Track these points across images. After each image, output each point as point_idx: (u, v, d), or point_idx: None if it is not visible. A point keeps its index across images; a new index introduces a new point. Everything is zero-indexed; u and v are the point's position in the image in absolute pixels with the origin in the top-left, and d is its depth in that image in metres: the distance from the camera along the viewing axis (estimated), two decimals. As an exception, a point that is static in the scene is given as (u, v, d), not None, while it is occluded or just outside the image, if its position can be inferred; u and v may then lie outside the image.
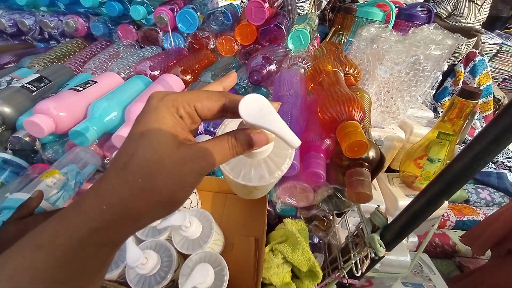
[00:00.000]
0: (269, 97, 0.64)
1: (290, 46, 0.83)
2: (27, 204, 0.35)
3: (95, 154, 0.51)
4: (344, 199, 0.48)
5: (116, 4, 0.85)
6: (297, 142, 0.18)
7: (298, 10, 1.44)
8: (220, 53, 0.92)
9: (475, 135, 0.77)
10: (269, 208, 0.55)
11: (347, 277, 0.47)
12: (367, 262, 0.43)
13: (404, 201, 0.64)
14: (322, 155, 0.46)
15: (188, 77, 0.75)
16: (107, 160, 0.54)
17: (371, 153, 0.45)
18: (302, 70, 0.66)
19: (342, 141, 0.39)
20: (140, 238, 0.38)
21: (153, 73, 0.73)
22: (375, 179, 0.74)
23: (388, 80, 0.66)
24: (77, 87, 0.54)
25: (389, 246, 0.41)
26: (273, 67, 0.69)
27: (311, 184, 0.46)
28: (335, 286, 0.50)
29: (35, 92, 0.55)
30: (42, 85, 0.58)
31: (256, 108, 0.17)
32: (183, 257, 0.38)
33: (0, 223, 0.35)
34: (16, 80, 0.58)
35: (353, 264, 0.44)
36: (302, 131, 0.48)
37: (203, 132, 0.49)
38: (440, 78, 1.15)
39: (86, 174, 0.48)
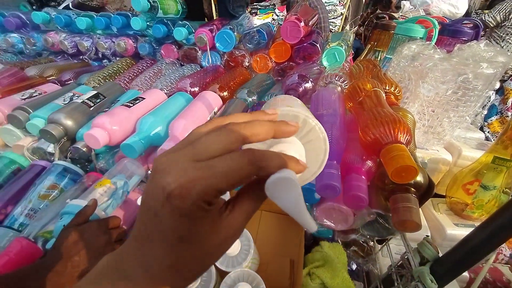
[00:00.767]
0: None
1: (325, 63, 0.83)
2: (84, 212, 0.39)
3: (141, 165, 0.54)
4: (387, 225, 0.45)
5: (162, 26, 0.93)
6: (313, 227, 0.17)
7: (330, 26, 1.44)
8: (254, 71, 0.95)
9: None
10: (305, 229, 0.54)
11: (390, 311, 0.43)
12: (414, 297, 0.39)
13: (452, 231, 0.59)
14: (363, 177, 0.44)
15: (225, 93, 0.78)
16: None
17: (419, 178, 0.42)
18: (339, 88, 0.65)
19: (388, 166, 0.37)
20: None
21: (192, 89, 0.77)
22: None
23: (433, 99, 0.63)
24: (128, 103, 0.59)
25: (441, 282, 0.38)
26: (308, 84, 0.69)
27: (352, 207, 0.44)
28: (375, 319, 0.47)
29: (92, 107, 0.61)
30: (98, 100, 0.64)
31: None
32: (220, 274, 0.39)
33: (61, 226, 0.39)
34: (77, 96, 0.65)
35: (398, 298, 0.41)
36: (343, 152, 0.47)
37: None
38: (493, 97, 1.06)
39: (132, 184, 0.51)
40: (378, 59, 0.96)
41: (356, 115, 0.53)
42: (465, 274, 0.68)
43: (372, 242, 0.50)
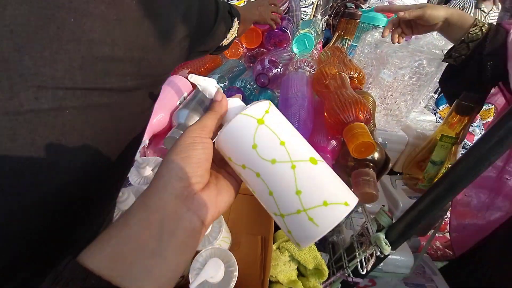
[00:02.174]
0: (275, 100, 0.65)
1: (295, 50, 0.85)
2: None
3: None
4: (349, 199, 0.49)
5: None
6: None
7: (302, 16, 1.46)
8: (225, 57, 0.94)
9: (474, 141, 0.78)
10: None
11: (352, 276, 0.48)
12: (372, 260, 0.44)
13: (407, 203, 0.66)
14: (328, 155, 0.47)
15: (195, 78, 0.76)
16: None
17: (377, 154, 0.46)
18: (308, 73, 0.67)
19: (349, 142, 0.40)
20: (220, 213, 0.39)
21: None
22: (378, 181, 0.75)
23: (392, 84, 0.68)
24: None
25: (394, 245, 0.42)
26: (279, 70, 0.70)
27: (317, 183, 0.47)
28: (340, 284, 0.51)
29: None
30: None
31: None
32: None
33: None
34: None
35: (358, 263, 0.45)
36: (309, 133, 0.49)
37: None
38: None
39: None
40: (345, 46, 1.00)
41: (322, 97, 0.56)
42: (418, 240, 0.77)
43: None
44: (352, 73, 0.64)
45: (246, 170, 0.21)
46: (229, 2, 0.78)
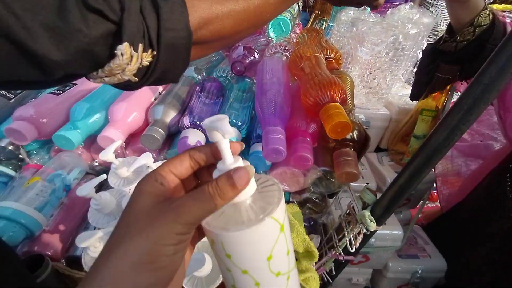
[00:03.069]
0: (252, 87, 0.64)
1: (272, 34, 0.83)
2: None
3: (80, 157, 0.50)
4: (333, 180, 0.49)
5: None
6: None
7: None
8: (202, 47, 0.91)
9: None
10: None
11: (343, 254, 0.48)
12: (360, 238, 0.44)
13: (393, 178, 0.67)
14: (308, 139, 0.46)
15: (171, 73, 0.74)
16: (96, 162, 0.54)
17: (355, 133, 0.46)
18: (285, 58, 0.66)
19: (326, 123, 0.39)
20: None
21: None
22: (365, 159, 0.76)
23: (370, 62, 0.67)
24: (56, 91, 0.53)
25: (379, 221, 0.43)
26: (255, 56, 0.69)
27: (300, 168, 0.47)
28: (333, 264, 0.52)
29: (13, 99, 0.54)
30: (19, 91, 0.56)
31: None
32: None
33: None
34: (-8, 89, 0.56)
35: (347, 242, 0.46)
36: (287, 118, 0.48)
37: (190, 125, 0.50)
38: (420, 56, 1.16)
39: (72, 178, 0.47)
40: (323, 27, 0.98)
41: (299, 81, 0.55)
42: (408, 213, 0.79)
43: (324, 198, 0.54)
44: (328, 53, 0.63)
45: (246, 276, 0.18)
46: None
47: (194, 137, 0.47)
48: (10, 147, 0.49)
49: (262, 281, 0.19)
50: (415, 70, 0.86)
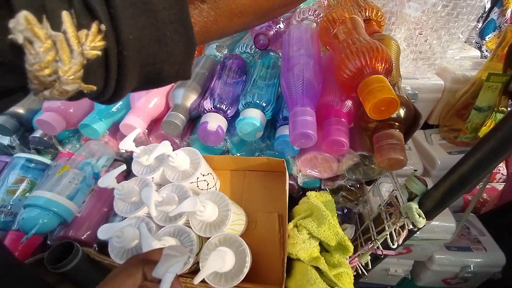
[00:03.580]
0: (278, 61, 0.57)
1: (300, -1, 0.73)
2: None
3: (107, 145, 0.51)
4: (373, 166, 0.43)
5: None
6: None
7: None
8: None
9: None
10: (291, 182, 0.52)
11: (381, 248, 0.43)
12: (404, 234, 0.38)
13: (446, 160, 0.57)
14: (343, 119, 0.40)
15: (192, 52, 0.70)
16: (123, 149, 0.54)
17: (403, 111, 0.38)
18: (314, 25, 0.57)
19: (366, 101, 0.33)
20: (159, 224, 0.38)
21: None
22: (408, 141, 0.66)
23: (420, 20, 0.55)
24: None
25: (429, 216, 0.36)
26: (280, 26, 0.61)
27: (333, 153, 0.41)
28: (369, 256, 0.47)
29: (44, 90, 0.55)
30: (49, 82, 0.57)
31: None
32: (202, 240, 0.38)
33: (25, 219, 0.37)
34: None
35: (388, 236, 0.40)
36: (318, 96, 0.42)
37: (211, 109, 0.46)
38: (489, 5, 0.92)
39: (101, 166, 0.48)
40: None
41: (332, 51, 0.47)
42: (461, 198, 0.69)
43: (361, 185, 0.48)
44: (368, 14, 0.53)
45: None
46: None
47: (214, 122, 0.43)
48: (45, 137, 0.51)
49: None
50: (480, 25, 0.70)
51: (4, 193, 0.46)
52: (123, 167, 0.38)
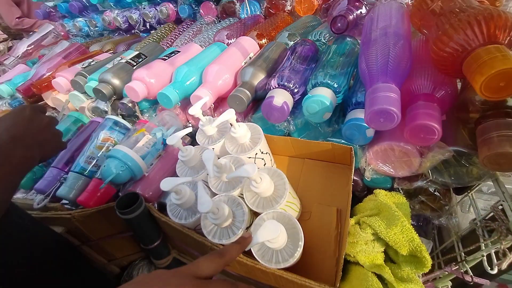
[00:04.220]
0: (355, 48, 0.52)
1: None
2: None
3: (177, 117, 0.54)
4: (470, 167, 0.34)
5: (199, -18, 0.89)
6: None
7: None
8: (298, 15, 0.84)
9: None
10: (355, 178, 0.46)
11: (471, 274, 0.34)
12: (510, 257, 0.29)
13: None
14: (435, 104, 0.33)
15: (264, 41, 0.71)
16: (189, 123, 0.58)
17: (528, 97, 0.29)
18: (405, 6, 0.50)
19: (477, 75, 0.26)
20: (214, 192, 0.38)
21: (230, 41, 0.72)
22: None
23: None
24: (164, 57, 0.59)
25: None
26: (363, 11, 0.56)
27: (417, 143, 0.34)
28: (450, 283, 0.38)
29: (135, 66, 0.64)
30: (140, 60, 0.66)
31: None
32: (255, 215, 0.36)
33: (103, 166, 0.42)
34: (123, 59, 0.68)
35: (484, 257, 0.31)
36: (405, 77, 0.36)
37: (277, 86, 0.45)
38: None
39: (169, 134, 0.51)
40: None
41: (427, 32, 0.40)
42: None
43: (446, 192, 0.39)
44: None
45: None
46: None
47: (280, 98, 0.42)
48: (130, 104, 0.58)
49: None
50: None
51: (94, 147, 0.53)
52: (189, 129, 0.40)
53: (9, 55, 1.22)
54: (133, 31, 1.17)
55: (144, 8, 1.07)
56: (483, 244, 0.32)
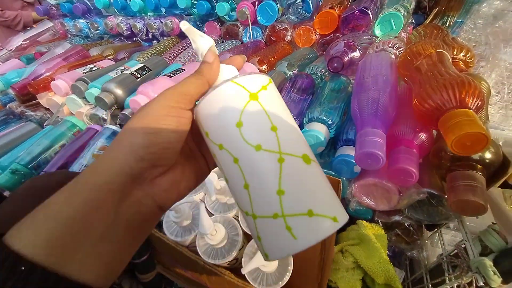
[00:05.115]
0: (348, 86, 0.58)
1: (377, 32, 0.74)
2: None
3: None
4: (441, 208, 0.39)
5: (205, 2, 0.93)
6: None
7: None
8: (297, 45, 0.90)
9: None
10: (340, 207, 0.50)
11: (437, 305, 0.38)
12: (470, 292, 0.33)
13: (530, 227, 0.48)
14: (414, 151, 0.38)
15: (264, 67, 0.75)
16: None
17: (489, 154, 0.35)
18: (393, 56, 0.57)
19: (449, 133, 0.31)
20: (211, 212, 0.40)
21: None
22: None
23: (518, 67, 0.51)
24: (169, 74, 0.61)
25: (507, 277, 0.31)
26: (356, 54, 0.62)
27: (397, 183, 0.39)
28: (418, 312, 0.41)
29: (139, 78, 0.66)
30: (144, 72, 0.68)
31: None
32: (248, 238, 0.38)
33: None
34: (127, 69, 0.69)
35: (448, 290, 0.35)
36: (390, 123, 0.41)
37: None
38: None
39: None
40: (447, 25, 0.81)
41: (411, 82, 0.46)
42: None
43: (419, 228, 0.44)
44: (456, 53, 0.51)
45: (223, 151, 0.17)
46: None
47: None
48: (130, 116, 0.60)
49: (239, 154, 0.17)
50: None
51: (90, 155, 0.54)
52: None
53: (1, 47, 1.19)
54: (134, 38, 1.19)
55: (149, 19, 1.10)
56: (447, 278, 0.36)
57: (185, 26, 0.19)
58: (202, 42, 0.20)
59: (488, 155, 0.34)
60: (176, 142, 0.18)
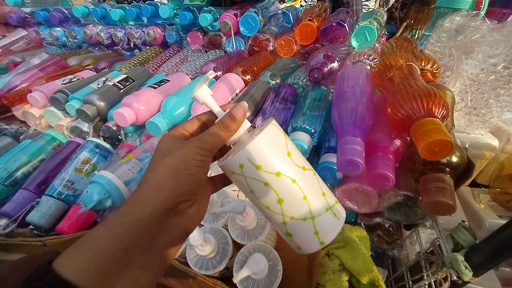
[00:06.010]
0: (328, 95, 0.61)
1: (354, 43, 0.78)
2: None
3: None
4: (416, 209, 0.42)
5: (188, 13, 0.94)
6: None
7: (364, 10, 1.36)
8: (279, 55, 0.93)
9: None
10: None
11: (417, 300, 0.40)
12: (446, 286, 0.36)
13: (495, 224, 0.53)
14: (391, 156, 0.41)
15: (248, 77, 0.77)
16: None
17: (455, 158, 0.38)
18: (369, 67, 0.61)
19: (419, 140, 0.34)
20: (200, 223, 0.40)
21: (216, 73, 0.77)
22: (455, 193, 0.63)
23: (477, 77, 0.56)
24: (154, 85, 0.61)
25: (477, 271, 0.34)
26: (335, 64, 0.66)
27: (376, 187, 0.41)
28: (400, 308, 0.44)
29: (122, 90, 0.65)
30: (127, 84, 0.67)
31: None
32: (237, 247, 0.39)
33: (88, 194, 0.42)
34: (109, 80, 0.69)
35: (426, 285, 0.38)
36: (368, 131, 0.44)
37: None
38: None
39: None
40: (415, 37, 0.88)
41: (385, 92, 0.49)
42: (507, 269, 0.61)
43: (399, 228, 0.47)
44: (424, 64, 0.55)
45: (281, 177, 0.22)
46: None
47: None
48: (114, 128, 0.59)
49: (295, 176, 0.22)
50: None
51: (73, 170, 0.52)
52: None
53: (-30, 56, 1.13)
54: (115, 47, 1.17)
55: (130, 28, 1.09)
56: (425, 274, 0.39)
57: (202, 97, 0.23)
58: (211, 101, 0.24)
59: (454, 159, 0.38)
60: (204, 180, 0.22)
